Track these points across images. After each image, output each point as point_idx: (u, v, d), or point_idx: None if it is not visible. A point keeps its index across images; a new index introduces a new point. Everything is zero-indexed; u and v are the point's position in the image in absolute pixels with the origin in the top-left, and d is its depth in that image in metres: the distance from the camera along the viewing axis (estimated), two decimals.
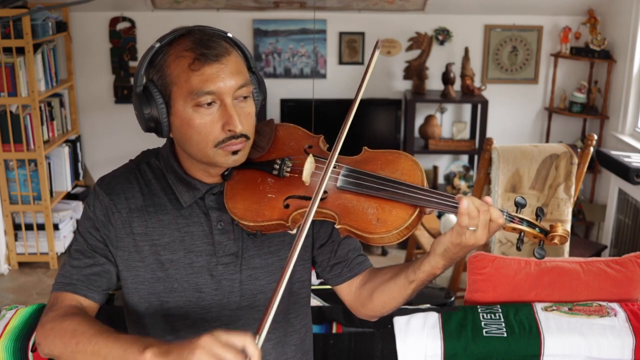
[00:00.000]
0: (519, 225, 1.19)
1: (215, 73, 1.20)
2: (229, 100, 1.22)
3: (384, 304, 1.37)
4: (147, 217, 1.32)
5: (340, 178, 1.25)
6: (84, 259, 1.32)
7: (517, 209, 1.21)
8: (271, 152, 1.34)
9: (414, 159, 1.28)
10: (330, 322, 1.98)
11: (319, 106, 4.13)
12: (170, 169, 1.33)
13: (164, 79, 1.23)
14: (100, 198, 1.33)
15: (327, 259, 1.44)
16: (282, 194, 1.27)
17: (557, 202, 3.05)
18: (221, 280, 1.33)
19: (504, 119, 4.75)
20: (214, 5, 4.49)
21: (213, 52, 1.21)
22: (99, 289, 1.32)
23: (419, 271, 1.27)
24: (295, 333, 1.44)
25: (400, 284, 1.31)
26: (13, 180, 4.10)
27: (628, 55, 4.17)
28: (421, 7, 4.52)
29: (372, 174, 1.25)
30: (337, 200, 1.24)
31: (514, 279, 2.07)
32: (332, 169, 1.23)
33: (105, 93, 4.69)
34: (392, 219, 1.20)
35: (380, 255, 4.38)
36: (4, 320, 1.92)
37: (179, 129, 1.25)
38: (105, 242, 1.33)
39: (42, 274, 4.14)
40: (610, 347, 1.88)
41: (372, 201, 1.23)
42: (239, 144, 1.24)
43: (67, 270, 1.32)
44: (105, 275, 1.33)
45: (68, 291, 1.30)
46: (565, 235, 1.20)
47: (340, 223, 1.22)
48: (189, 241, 1.31)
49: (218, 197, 1.33)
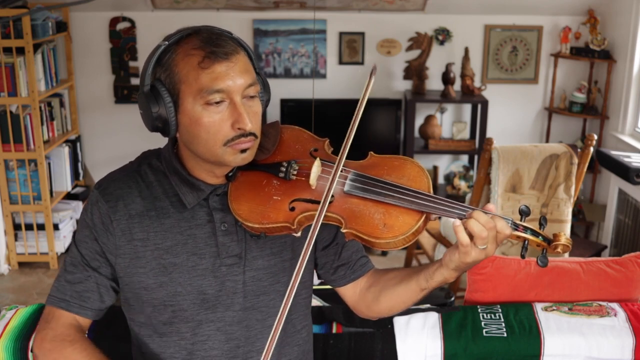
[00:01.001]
0: (522, 233, 1.21)
1: (225, 71, 1.21)
2: (238, 98, 1.22)
3: (392, 308, 1.38)
4: (148, 222, 1.31)
5: (347, 183, 1.25)
6: (78, 274, 1.33)
7: (521, 217, 1.22)
8: (276, 155, 1.34)
9: (420, 166, 1.29)
10: (330, 322, 1.98)
11: (319, 106, 4.13)
12: (172, 170, 1.33)
13: (172, 77, 1.23)
14: (99, 205, 1.32)
15: (331, 261, 1.44)
16: (288, 196, 1.27)
17: (557, 202, 3.05)
18: (225, 282, 1.32)
19: (504, 119, 4.75)
20: (214, 5, 4.49)
21: (223, 50, 1.21)
22: (92, 305, 1.34)
23: (432, 280, 1.29)
24: (296, 333, 1.44)
25: (412, 290, 1.33)
26: (13, 180, 4.11)
27: (628, 55, 4.17)
28: (421, 7, 4.52)
29: (379, 179, 1.25)
30: (344, 205, 1.24)
31: (514, 279, 2.07)
32: (339, 173, 1.24)
33: (105, 93, 4.69)
34: (398, 224, 1.21)
35: (381, 256, 4.38)
36: (4, 320, 1.92)
37: (187, 128, 1.24)
38: (103, 250, 1.33)
39: (42, 274, 4.14)
40: (610, 347, 1.88)
41: (379, 206, 1.23)
42: (248, 142, 1.24)
43: (62, 285, 1.34)
44: (99, 289, 1.34)
45: (62, 308, 1.33)
46: (568, 245, 1.21)
47: (347, 227, 1.22)
48: (192, 244, 1.31)
49: (222, 198, 1.32)
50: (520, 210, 1.22)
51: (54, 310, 1.34)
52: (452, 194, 4.64)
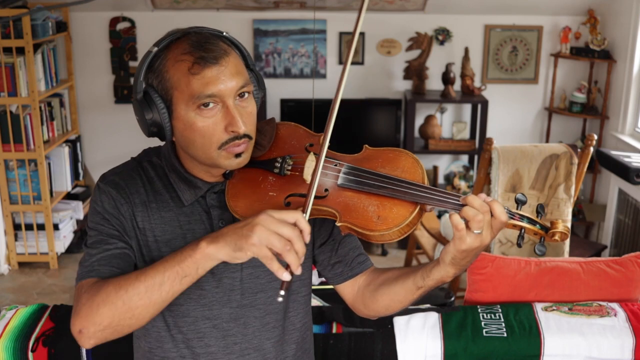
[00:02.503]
0: (519, 222, 1.20)
1: (216, 76, 1.20)
2: (230, 101, 1.22)
3: (388, 306, 1.38)
4: (149, 213, 1.32)
5: (341, 176, 1.26)
6: (103, 246, 1.28)
7: (517, 205, 1.22)
8: (272, 151, 1.34)
9: (414, 157, 1.29)
10: (330, 322, 1.98)
11: (319, 106, 4.13)
12: (171, 167, 1.34)
13: (164, 83, 1.23)
14: (107, 192, 1.31)
15: (328, 257, 1.44)
16: (283, 192, 1.28)
17: (557, 202, 3.05)
18: (222, 278, 1.33)
19: (504, 119, 4.75)
20: (214, 5, 4.49)
21: (212, 55, 1.20)
22: (121, 267, 1.28)
23: (428, 279, 1.27)
24: (295, 331, 1.44)
25: (408, 288, 1.32)
26: (13, 180, 4.11)
27: (628, 55, 4.17)
28: (421, 7, 4.52)
29: (373, 171, 1.25)
30: (338, 198, 1.24)
31: (514, 279, 2.07)
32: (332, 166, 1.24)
33: (105, 93, 4.69)
34: (392, 216, 1.21)
35: (380, 255, 4.38)
36: (4, 320, 1.92)
37: (182, 133, 1.25)
38: (119, 230, 1.30)
39: (42, 274, 4.14)
40: (610, 347, 1.88)
41: (372, 199, 1.23)
42: (242, 144, 1.24)
43: (88, 262, 1.27)
44: (126, 258, 1.29)
45: (92, 277, 1.25)
46: (566, 232, 1.20)
47: (341, 221, 1.22)
48: (191, 238, 1.31)
49: (219, 195, 1.33)
50: (517, 199, 1.21)
51: (83, 282, 1.25)
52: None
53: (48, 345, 1.85)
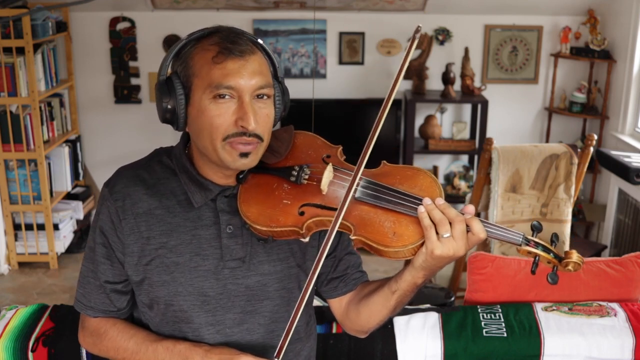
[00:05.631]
0: (534, 249, 1.19)
1: (237, 69, 1.21)
2: (247, 97, 1.22)
3: (369, 318, 1.38)
4: (154, 221, 1.31)
5: (359, 189, 1.25)
6: (91, 283, 1.39)
7: (533, 232, 1.21)
8: (288, 159, 1.34)
9: (432, 176, 1.28)
10: (330, 322, 1.98)
11: (319, 106, 4.13)
12: (182, 168, 1.33)
13: (187, 70, 1.25)
14: (108, 204, 1.33)
15: (326, 272, 1.44)
16: (298, 200, 1.27)
17: (557, 202, 3.06)
18: (226, 285, 1.32)
19: (504, 119, 4.75)
20: (214, 5, 4.49)
21: (238, 48, 1.22)
22: (116, 307, 1.40)
23: (401, 281, 1.28)
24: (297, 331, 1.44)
25: (384, 295, 1.32)
26: (13, 180, 4.11)
27: (628, 55, 4.17)
28: (421, 7, 4.52)
29: (391, 187, 1.25)
30: (354, 212, 1.24)
31: (514, 279, 2.07)
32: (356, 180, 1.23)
33: (105, 93, 4.69)
34: (408, 233, 1.20)
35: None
36: (4, 320, 1.92)
37: (194, 120, 1.25)
38: (113, 249, 1.34)
39: (42, 274, 4.14)
40: (610, 347, 1.88)
41: (389, 214, 1.22)
42: (249, 144, 1.24)
43: (85, 291, 1.40)
44: (110, 298, 1.39)
45: (89, 315, 1.41)
46: (580, 262, 1.19)
47: (356, 234, 1.21)
48: (196, 244, 1.31)
49: (230, 200, 1.32)
50: (533, 226, 1.21)
51: (83, 317, 1.45)
52: (452, 194, 4.65)
53: (48, 345, 1.85)
